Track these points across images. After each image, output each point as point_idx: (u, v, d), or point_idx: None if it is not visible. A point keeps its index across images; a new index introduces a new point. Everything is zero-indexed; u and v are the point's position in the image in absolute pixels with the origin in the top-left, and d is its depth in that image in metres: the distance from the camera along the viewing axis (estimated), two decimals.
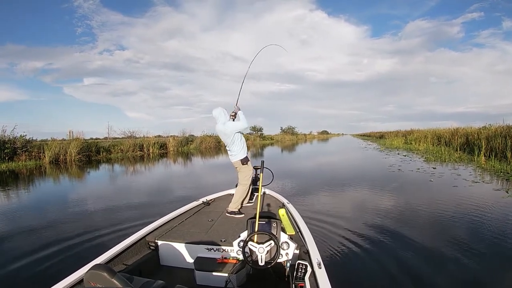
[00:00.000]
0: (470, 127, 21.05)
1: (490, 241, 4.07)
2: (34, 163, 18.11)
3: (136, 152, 25.37)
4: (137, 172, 14.80)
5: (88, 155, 21.24)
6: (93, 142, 25.12)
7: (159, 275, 2.81)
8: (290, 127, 77.87)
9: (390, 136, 41.37)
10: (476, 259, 3.53)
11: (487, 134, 14.43)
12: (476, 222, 4.88)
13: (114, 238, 4.43)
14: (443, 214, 5.40)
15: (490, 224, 4.74)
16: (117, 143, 26.11)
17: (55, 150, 19.35)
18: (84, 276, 1.66)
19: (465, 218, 5.09)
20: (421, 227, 4.85)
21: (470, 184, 7.77)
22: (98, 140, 35.77)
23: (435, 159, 14.05)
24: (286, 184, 8.57)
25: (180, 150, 30.05)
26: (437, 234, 4.47)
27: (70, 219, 5.85)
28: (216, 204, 4.48)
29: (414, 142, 25.49)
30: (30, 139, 20.08)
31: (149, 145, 26.70)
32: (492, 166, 10.76)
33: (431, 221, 5.15)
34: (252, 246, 2.55)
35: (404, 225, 4.87)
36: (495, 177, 8.89)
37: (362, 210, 5.92)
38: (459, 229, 4.61)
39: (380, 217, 5.34)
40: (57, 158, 19.30)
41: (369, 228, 4.81)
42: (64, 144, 20.31)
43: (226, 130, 4.07)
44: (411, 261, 3.56)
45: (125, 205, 6.93)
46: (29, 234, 4.96)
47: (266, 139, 57.03)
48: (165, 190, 9.26)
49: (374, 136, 63.27)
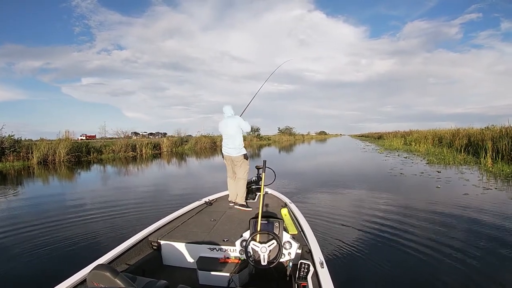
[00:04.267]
0: (472, 128, 20.59)
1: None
2: (21, 163, 17.68)
3: (128, 153, 24.73)
4: (127, 173, 14.42)
5: (78, 156, 20.58)
6: (83, 142, 24.47)
7: (161, 275, 2.79)
8: (288, 128, 77.80)
9: (388, 137, 40.97)
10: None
11: (492, 135, 13.78)
12: (494, 238, 4.24)
13: (113, 238, 4.51)
14: (456, 226, 4.83)
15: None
16: (109, 144, 25.45)
17: (43, 151, 18.81)
18: (87, 276, 1.64)
19: (482, 232, 4.47)
20: (427, 233, 4.55)
21: (482, 191, 7.08)
22: (92, 140, 35.20)
23: (438, 162, 13.42)
24: (282, 185, 7.82)
25: (175, 150, 29.56)
26: (446, 246, 4.01)
27: (66, 221, 5.71)
28: (218, 204, 4.46)
29: (414, 143, 24.95)
30: (19, 139, 19.62)
31: (141, 146, 25.99)
32: (500, 169, 10.10)
33: (439, 230, 4.69)
34: (255, 246, 2.55)
35: (407, 230, 4.71)
36: (506, 182, 8.24)
37: (363, 213, 5.79)
38: (473, 244, 4.05)
39: (381, 221, 5.22)
40: (45, 159, 18.82)
41: (371, 229, 4.78)
42: (53, 144, 19.70)
43: (234, 122, 4.33)
44: (414, 263, 3.55)
45: (116, 206, 6.83)
46: (30, 234, 4.89)
47: (263, 140, 56.73)
48: (156, 192, 9.07)
49: (373, 136, 63.03)
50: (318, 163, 17.51)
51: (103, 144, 25.13)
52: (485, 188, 7.40)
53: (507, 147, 11.80)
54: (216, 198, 4.70)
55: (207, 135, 35.74)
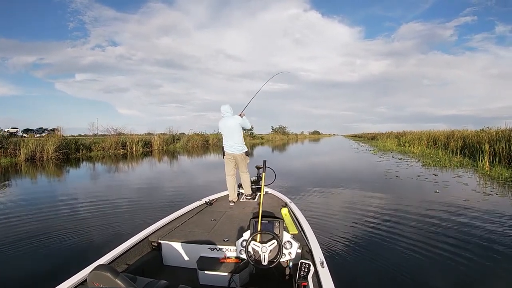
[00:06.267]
0: (466, 130, 20.54)
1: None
2: (9, 160, 17.25)
3: (118, 150, 24.20)
4: (121, 172, 14.18)
5: (67, 153, 20.05)
6: (72, 139, 23.84)
7: (162, 275, 2.79)
8: (281, 127, 77.72)
9: (382, 137, 41.01)
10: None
11: (489, 138, 13.61)
12: (497, 246, 4.01)
13: (114, 238, 4.46)
14: (456, 231, 4.67)
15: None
16: (99, 141, 24.88)
17: (31, 147, 18.26)
18: (87, 276, 1.63)
19: (483, 238, 4.31)
20: (425, 236, 4.51)
21: (483, 197, 6.80)
22: (86, 136, 34.56)
23: (434, 164, 13.22)
24: (277, 185, 7.55)
25: (166, 148, 29.10)
26: (445, 250, 3.93)
27: (66, 221, 5.63)
28: (218, 203, 4.45)
29: (408, 145, 24.86)
30: (5, 134, 19.06)
31: (132, 143, 25.47)
32: (499, 173, 9.91)
33: (436, 233, 4.62)
34: (255, 246, 2.54)
35: (406, 232, 4.70)
36: (506, 187, 8.01)
37: (361, 214, 5.79)
38: (475, 250, 3.93)
39: (380, 222, 5.23)
40: (33, 156, 18.28)
41: (371, 230, 4.79)
42: (41, 141, 19.16)
43: (233, 121, 4.46)
44: (414, 264, 3.55)
45: (113, 205, 6.86)
46: (29, 234, 4.81)
47: (256, 138, 56.60)
48: (152, 190, 9.01)
49: (366, 137, 63.21)
50: (311, 163, 17.30)
51: (93, 141, 24.61)
52: (486, 194, 7.14)
53: (505, 150, 11.64)
54: (216, 198, 4.70)
55: (200, 133, 35.36)
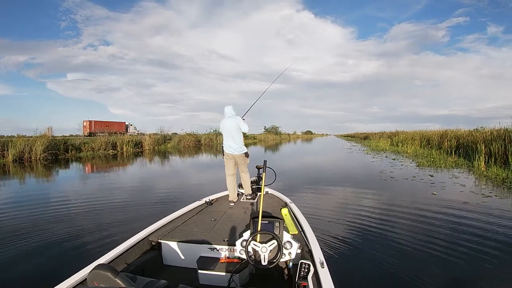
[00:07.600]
0: (459, 130, 20.56)
1: None
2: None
3: (108, 151, 23.69)
4: (113, 172, 14.04)
5: (55, 154, 19.51)
6: (62, 139, 23.19)
7: (162, 274, 2.79)
8: (274, 127, 77.57)
9: (375, 137, 41.08)
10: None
11: (484, 137, 13.57)
12: (503, 252, 3.86)
13: (114, 237, 4.46)
14: (457, 234, 4.57)
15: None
16: (88, 141, 24.31)
17: (19, 148, 17.71)
18: (87, 276, 1.63)
19: (484, 243, 4.17)
20: (425, 237, 4.50)
21: (482, 199, 6.63)
22: (77, 136, 33.91)
23: (429, 164, 13.12)
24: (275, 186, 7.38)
25: (157, 148, 28.66)
26: (445, 252, 3.90)
27: (65, 221, 5.61)
28: (218, 203, 4.45)
29: (401, 144, 24.86)
30: None
31: (122, 143, 24.99)
32: (495, 173, 9.82)
33: (437, 235, 4.56)
34: (255, 246, 2.54)
35: (406, 233, 4.69)
36: (504, 188, 7.89)
37: (359, 214, 5.77)
38: (478, 253, 3.85)
39: (379, 222, 5.24)
40: (21, 157, 17.72)
41: (371, 230, 4.80)
42: (30, 141, 18.64)
43: (233, 122, 4.53)
44: (414, 264, 3.56)
45: (109, 203, 6.94)
46: (29, 234, 4.79)
47: (248, 138, 56.32)
48: (147, 190, 9.01)
49: (359, 137, 63.46)
50: (306, 163, 17.07)
51: (83, 141, 24.04)
52: (485, 196, 6.99)
53: (500, 150, 11.59)
54: (217, 198, 4.71)
55: (192, 133, 34.97)
